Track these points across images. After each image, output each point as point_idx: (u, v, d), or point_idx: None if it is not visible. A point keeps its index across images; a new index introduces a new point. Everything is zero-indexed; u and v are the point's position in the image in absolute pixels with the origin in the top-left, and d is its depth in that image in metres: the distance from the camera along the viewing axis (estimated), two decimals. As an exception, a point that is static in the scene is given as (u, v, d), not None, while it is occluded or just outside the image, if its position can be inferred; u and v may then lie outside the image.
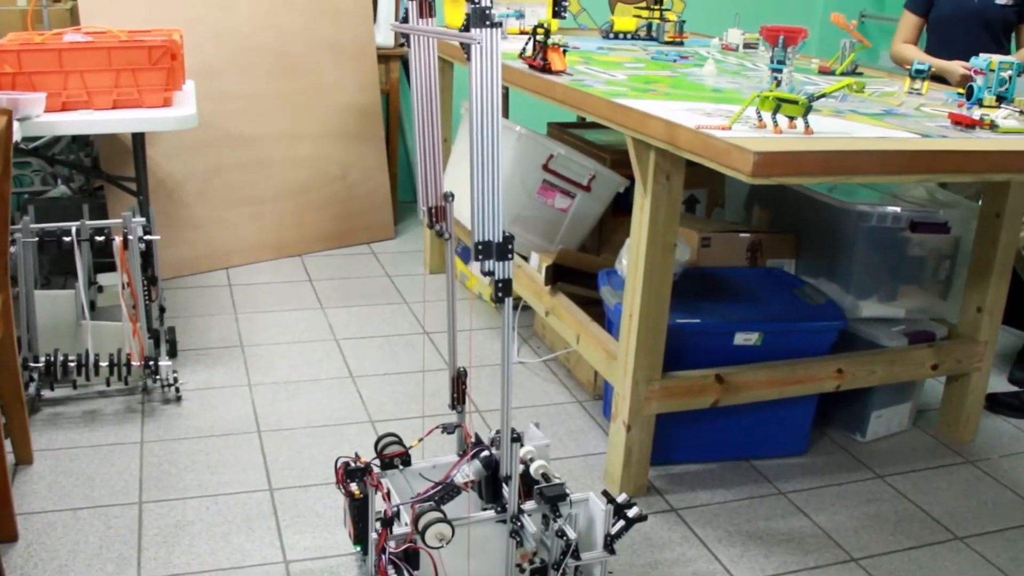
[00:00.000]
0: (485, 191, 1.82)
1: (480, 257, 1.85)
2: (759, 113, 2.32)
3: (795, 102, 2.27)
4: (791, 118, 2.29)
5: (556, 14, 2.94)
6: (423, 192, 2.19)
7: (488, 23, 1.75)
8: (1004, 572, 2.55)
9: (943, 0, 4.13)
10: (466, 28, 1.76)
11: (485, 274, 1.87)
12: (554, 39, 3.12)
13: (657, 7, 4.25)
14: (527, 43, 3.21)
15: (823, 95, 2.48)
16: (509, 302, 1.92)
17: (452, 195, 2.14)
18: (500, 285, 1.89)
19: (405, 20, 2.12)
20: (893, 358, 3.03)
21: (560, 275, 3.31)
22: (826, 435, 3.24)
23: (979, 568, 2.57)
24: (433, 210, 2.19)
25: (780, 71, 2.94)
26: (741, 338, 2.85)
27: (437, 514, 1.93)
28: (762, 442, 3.05)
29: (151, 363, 3.18)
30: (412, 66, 2.15)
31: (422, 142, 2.17)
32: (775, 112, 2.27)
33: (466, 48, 1.77)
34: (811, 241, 3.32)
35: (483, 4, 1.73)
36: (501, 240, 1.85)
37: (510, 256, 1.87)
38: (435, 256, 4.49)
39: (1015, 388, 3.65)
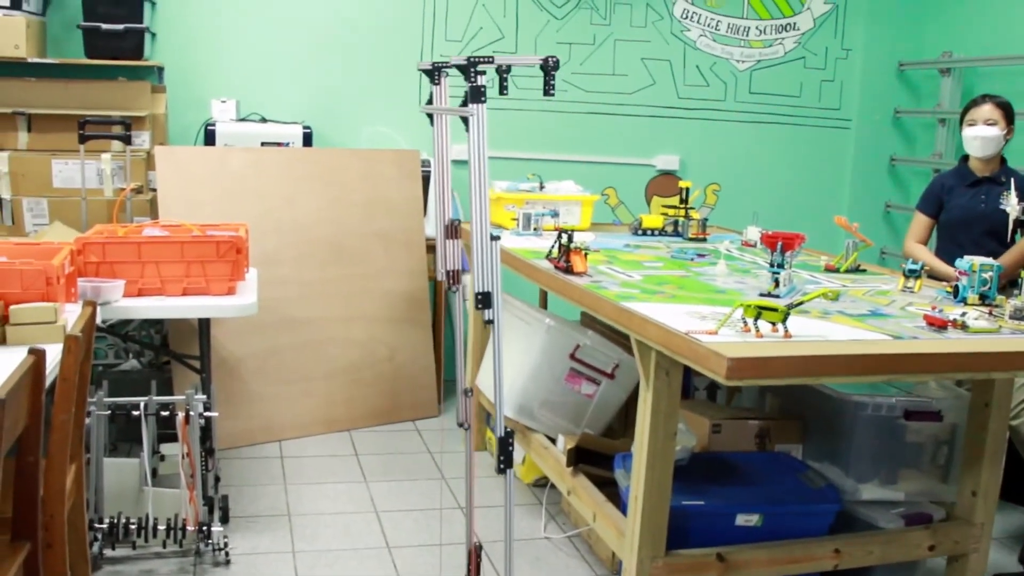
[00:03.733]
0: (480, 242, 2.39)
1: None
2: (744, 319, 2.62)
3: (775, 309, 2.58)
4: (772, 323, 2.59)
5: (546, 92, 2.96)
6: (441, 259, 2.58)
7: (481, 100, 2.41)
8: None
9: (952, 204, 4.44)
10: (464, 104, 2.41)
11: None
12: (577, 242, 3.47)
13: (683, 206, 4.61)
14: (553, 245, 3.56)
15: (801, 303, 2.78)
16: (510, 474, 2.20)
17: (471, 390, 2.45)
18: (502, 459, 2.18)
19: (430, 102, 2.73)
20: (890, 539, 3.23)
21: (581, 457, 3.58)
22: (831, 613, 3.41)
23: None
24: (450, 273, 2.63)
25: (779, 274, 3.26)
26: (742, 519, 3.09)
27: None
28: (766, 618, 3.24)
29: (204, 528, 3.48)
30: (435, 143, 2.72)
31: (439, 216, 2.60)
32: (756, 319, 2.57)
33: (465, 120, 2.41)
34: (816, 427, 3.57)
35: (477, 84, 2.39)
36: (503, 435, 2.14)
37: (511, 447, 2.16)
38: (476, 434, 4.76)
39: (1022, 568, 3.78)
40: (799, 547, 3.10)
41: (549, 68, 2.61)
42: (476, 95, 2.35)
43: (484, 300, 2.26)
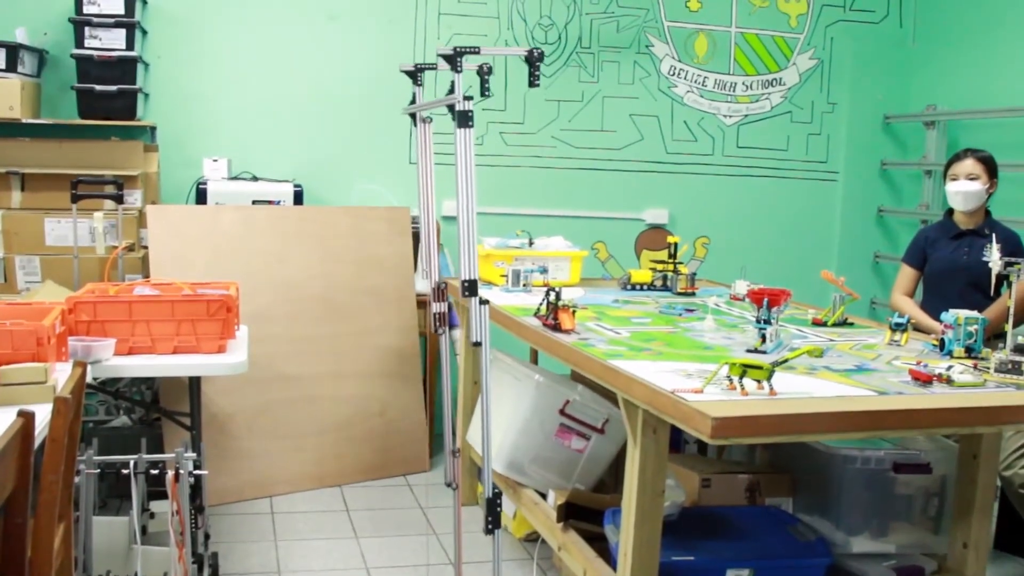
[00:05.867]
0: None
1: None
2: (730, 377, 2.64)
3: (760, 367, 2.60)
4: (758, 381, 2.61)
5: (531, 84, 3.07)
6: (428, 265, 2.63)
7: (468, 125, 2.57)
8: None
9: (936, 256, 4.49)
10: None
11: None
12: (566, 299, 3.50)
13: (671, 261, 4.65)
14: (541, 303, 3.59)
15: (786, 360, 2.80)
16: (498, 534, 2.21)
17: (458, 450, 2.46)
18: (490, 520, 2.19)
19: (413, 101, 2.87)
20: (881, 593, 3.24)
21: (572, 513, 3.58)
22: (823, 668, 3.40)
23: None
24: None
25: (765, 329, 3.28)
26: (733, 574, 3.09)
27: None
28: (758, 675, 3.23)
29: (194, 588, 3.47)
30: (419, 146, 2.85)
31: (424, 217, 2.65)
32: (742, 377, 2.60)
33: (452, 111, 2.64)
34: (805, 481, 3.58)
35: (463, 109, 2.52)
36: (491, 496, 2.16)
37: (498, 508, 2.18)
38: (466, 489, 4.76)
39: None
40: (790, 602, 3.10)
41: (534, 59, 2.69)
42: (463, 120, 2.42)
43: (471, 288, 2.30)
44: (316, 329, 4.98)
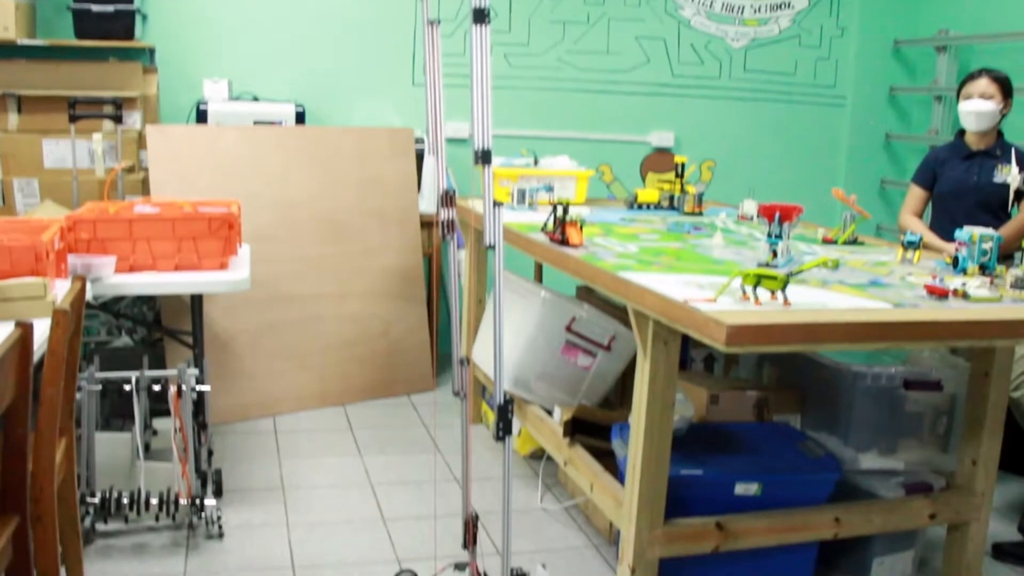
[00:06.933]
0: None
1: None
2: (743, 287, 2.59)
3: (774, 277, 2.55)
4: (772, 291, 2.56)
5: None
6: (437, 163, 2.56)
7: (484, 21, 2.37)
8: None
9: (945, 176, 4.42)
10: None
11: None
12: (572, 215, 3.44)
13: (679, 180, 4.59)
14: (548, 218, 3.54)
15: (800, 271, 2.75)
16: (509, 440, 2.18)
17: (466, 359, 2.42)
18: (501, 426, 2.16)
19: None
20: (890, 508, 3.21)
21: (578, 428, 3.56)
22: (830, 582, 3.41)
23: None
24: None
25: (777, 244, 3.23)
26: (741, 488, 3.07)
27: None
28: (765, 587, 3.23)
29: (197, 502, 3.45)
30: (427, 52, 2.64)
31: (431, 121, 2.57)
32: (756, 286, 2.55)
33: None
34: (814, 398, 3.56)
35: (479, 6, 2.32)
36: (503, 402, 2.12)
37: (510, 414, 2.14)
38: (471, 406, 4.73)
39: (1022, 538, 3.78)
40: (799, 516, 3.08)
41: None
42: (479, 17, 2.31)
43: (484, 156, 2.21)
44: (319, 249, 4.93)
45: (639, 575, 2.91)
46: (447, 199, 2.44)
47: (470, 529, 2.52)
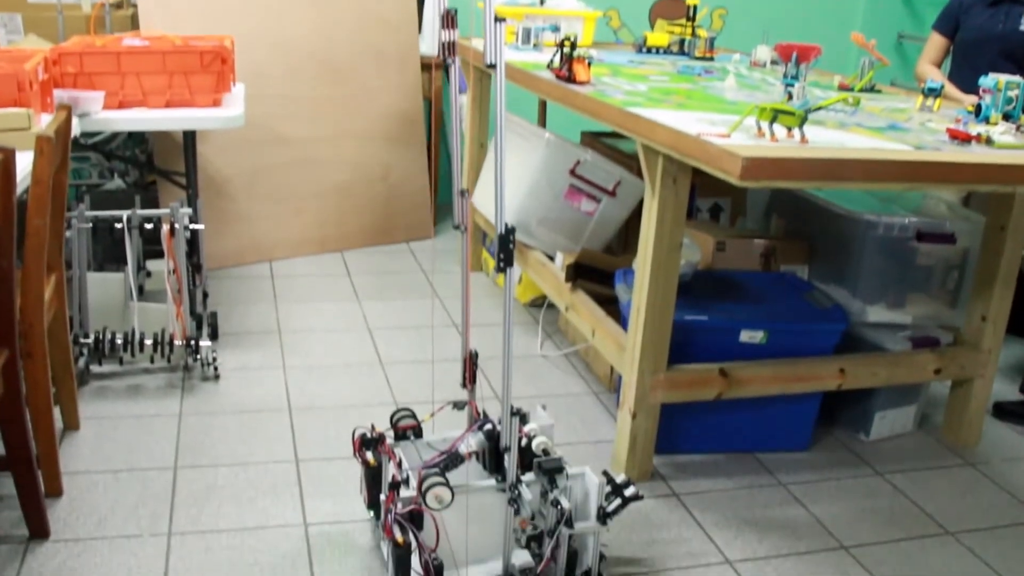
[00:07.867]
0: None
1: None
2: (759, 123, 2.47)
3: (791, 113, 2.42)
4: (788, 128, 2.44)
5: None
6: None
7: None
8: (989, 565, 2.67)
9: (968, 24, 4.25)
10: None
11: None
12: (580, 52, 3.29)
13: (690, 24, 4.41)
14: (554, 55, 3.39)
15: (820, 107, 2.62)
16: (510, 272, 2.09)
17: (466, 191, 2.32)
18: (502, 256, 2.07)
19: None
20: (895, 361, 3.16)
21: (580, 273, 3.48)
22: (831, 433, 3.37)
23: (964, 561, 2.69)
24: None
25: (792, 85, 3.10)
26: (746, 335, 3.00)
27: (438, 478, 2.10)
28: (766, 436, 3.19)
29: (192, 343, 3.39)
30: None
31: None
32: (772, 122, 2.42)
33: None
34: (823, 248, 3.46)
35: None
36: (504, 232, 2.02)
37: (512, 246, 2.05)
38: (471, 253, 4.66)
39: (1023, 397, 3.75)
40: (803, 365, 3.02)
41: None
42: None
43: None
44: (314, 90, 4.77)
45: (640, 420, 2.87)
46: (448, 19, 2.29)
47: (469, 367, 2.45)
